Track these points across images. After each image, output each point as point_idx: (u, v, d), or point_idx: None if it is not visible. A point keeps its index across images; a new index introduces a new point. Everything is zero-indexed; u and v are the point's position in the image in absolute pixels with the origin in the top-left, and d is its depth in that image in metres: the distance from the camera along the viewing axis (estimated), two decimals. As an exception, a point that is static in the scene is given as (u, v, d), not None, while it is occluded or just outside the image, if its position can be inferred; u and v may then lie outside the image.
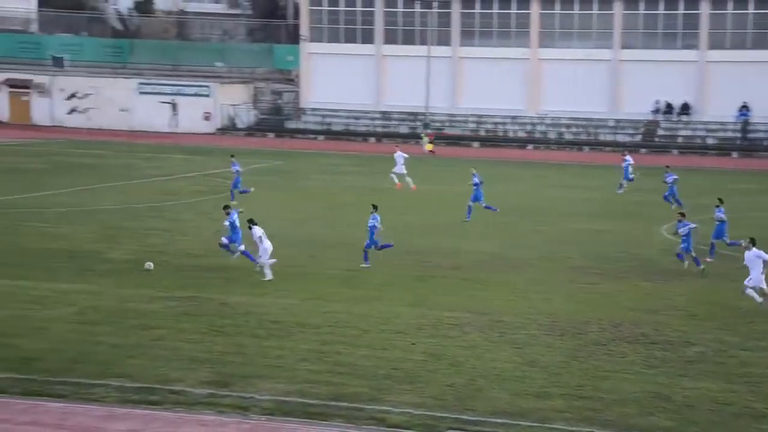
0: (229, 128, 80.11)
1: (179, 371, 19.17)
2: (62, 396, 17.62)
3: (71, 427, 16.24)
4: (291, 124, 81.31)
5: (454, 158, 66.27)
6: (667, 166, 45.02)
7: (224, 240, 29.21)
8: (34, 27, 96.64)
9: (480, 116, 78.77)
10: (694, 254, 29.61)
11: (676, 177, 42.96)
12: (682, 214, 30.42)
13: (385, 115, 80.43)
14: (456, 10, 79.56)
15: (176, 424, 16.62)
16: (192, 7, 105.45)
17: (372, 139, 77.45)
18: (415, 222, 38.35)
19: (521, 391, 18.68)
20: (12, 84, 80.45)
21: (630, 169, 48.95)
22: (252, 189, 43.07)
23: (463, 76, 79.53)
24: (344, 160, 62.28)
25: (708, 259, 30.43)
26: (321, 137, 78.18)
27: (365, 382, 18.94)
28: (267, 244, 27.90)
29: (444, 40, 79.50)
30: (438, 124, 78.58)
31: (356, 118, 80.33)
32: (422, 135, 73.07)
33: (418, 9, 79.63)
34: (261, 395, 18.03)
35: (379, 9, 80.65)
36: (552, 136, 76.90)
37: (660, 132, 76.28)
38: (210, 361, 19.91)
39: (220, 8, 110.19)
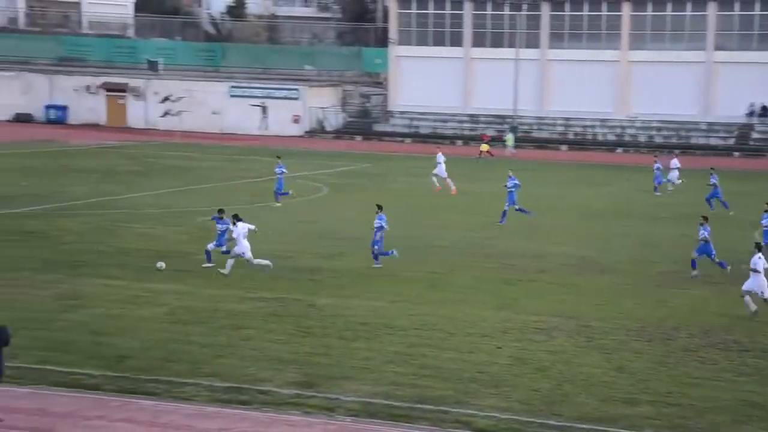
0: (317, 131, 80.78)
1: (267, 371, 19.43)
2: (154, 394, 17.97)
3: (163, 425, 16.55)
4: (379, 127, 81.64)
5: (541, 161, 65.87)
6: (712, 168, 44.97)
7: (218, 248, 28.86)
8: (130, 32, 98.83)
9: (568, 119, 78.15)
10: (716, 260, 29.31)
11: (716, 180, 43.14)
12: (705, 218, 29.97)
13: (473, 118, 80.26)
14: (545, 12, 79.04)
15: (264, 424, 16.84)
16: (283, 11, 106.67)
17: (459, 142, 77.38)
18: (494, 226, 38.24)
19: (609, 397, 18.51)
20: (109, 87, 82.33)
21: (660, 173, 48.80)
22: (291, 192, 43.18)
23: (552, 78, 78.96)
24: (431, 163, 62.27)
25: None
26: (408, 140, 78.39)
27: (450, 385, 18.96)
28: (245, 244, 27.96)
29: (532, 43, 79.04)
30: (525, 127, 78.15)
31: (444, 121, 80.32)
32: (505, 136, 72.78)
33: (506, 12, 79.32)
34: (347, 396, 18.17)
35: (467, 12, 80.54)
36: (642, 139, 75.92)
37: (754, 135, 74.73)
38: (297, 361, 20.13)
39: (310, 12, 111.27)
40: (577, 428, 17.01)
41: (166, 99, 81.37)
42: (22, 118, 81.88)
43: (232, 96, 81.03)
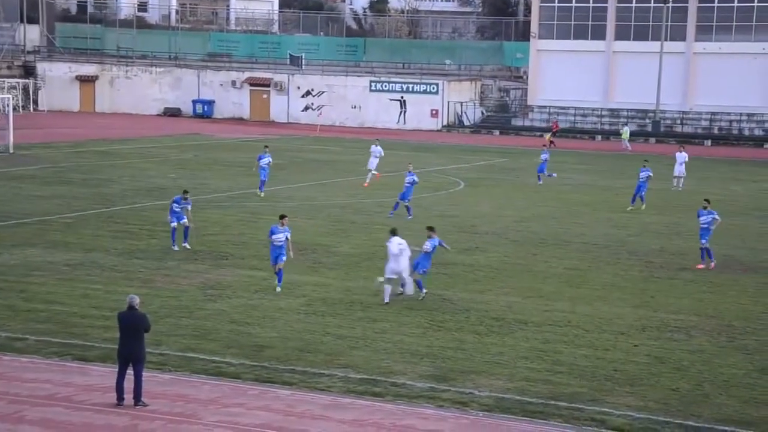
0: (455, 125, 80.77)
1: (401, 364, 19.59)
2: (290, 383, 18.32)
3: (298, 414, 16.86)
4: (517, 122, 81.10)
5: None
6: None
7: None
8: (275, 28, 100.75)
9: (713, 114, 76.02)
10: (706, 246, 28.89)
11: None
12: (708, 201, 29.88)
13: (614, 113, 78.93)
14: (693, 4, 77.10)
15: (398, 416, 16.98)
16: (424, 5, 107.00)
17: (598, 137, 76.20)
18: (637, 222, 37.55)
19: (751, 399, 18.01)
20: (253, 82, 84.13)
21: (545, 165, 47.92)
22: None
23: (697, 72, 76.98)
24: (569, 158, 61.61)
25: None
26: (547, 135, 77.66)
27: (585, 383, 18.76)
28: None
29: (678, 36, 77.21)
30: (668, 122, 76.39)
31: (584, 115, 79.23)
32: (622, 130, 71.42)
33: (652, 3, 77.64)
34: (480, 391, 18.17)
35: (611, 4, 79.21)
36: (793, 134, 73.31)
37: None
38: (431, 355, 20.24)
39: (451, 6, 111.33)
40: (717, 430, 16.61)
41: (307, 93, 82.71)
42: (171, 112, 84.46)
43: (372, 90, 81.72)
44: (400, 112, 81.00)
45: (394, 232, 24.83)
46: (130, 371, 16.68)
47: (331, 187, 45.75)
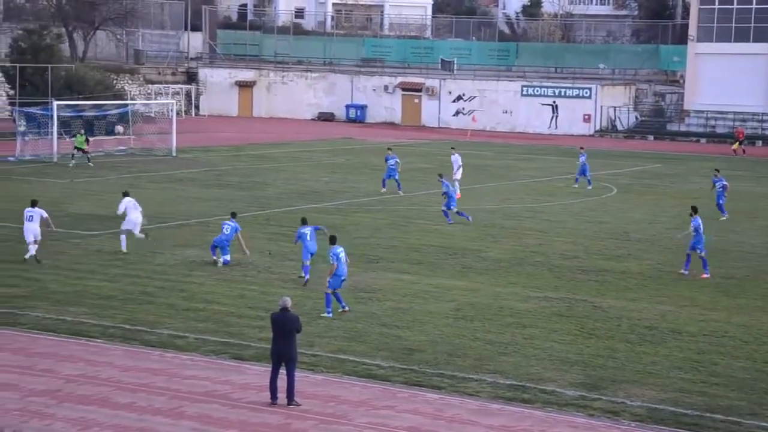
0: (608, 130, 79.49)
1: (550, 371, 19.47)
2: (439, 387, 18.42)
3: (447, 419, 16.95)
4: (673, 127, 79.20)
5: None
6: None
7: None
8: (427, 33, 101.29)
9: None
10: (690, 253, 28.29)
11: None
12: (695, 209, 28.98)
13: (776, 118, 76.27)
14: None
15: (547, 423, 16.89)
16: (578, 9, 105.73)
17: (759, 143, 73.77)
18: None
19: None
20: (405, 87, 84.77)
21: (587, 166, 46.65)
22: (384, 189, 43.47)
23: None
24: (727, 164, 59.82)
25: None
26: (703, 140, 75.63)
27: (743, 396, 18.25)
28: (133, 217, 28.78)
29: None
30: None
31: (743, 120, 76.75)
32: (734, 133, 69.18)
33: (820, 3, 74.74)
34: (632, 401, 17.90)
35: (775, 5, 76.54)
36: None
37: None
38: (581, 363, 20.03)
39: (606, 10, 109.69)
40: None
41: (458, 98, 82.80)
42: (325, 117, 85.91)
43: (524, 95, 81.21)
44: (552, 117, 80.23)
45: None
46: (282, 371, 17.09)
47: (480, 191, 45.71)
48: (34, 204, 27.94)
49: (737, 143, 67.36)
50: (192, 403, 17.04)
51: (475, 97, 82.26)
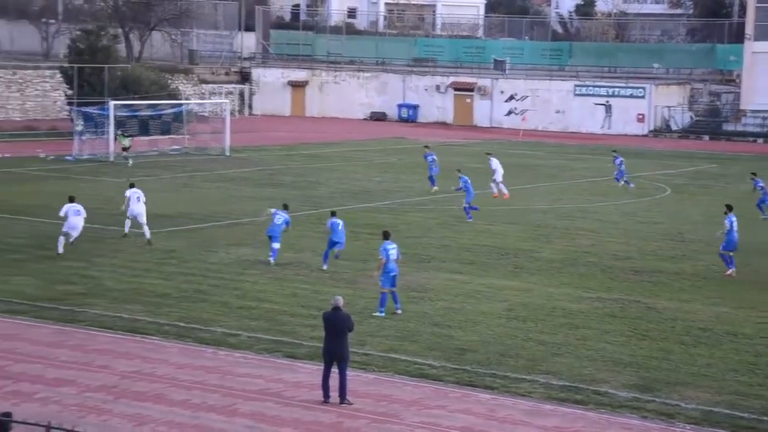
0: (662, 130, 78.74)
1: (604, 372, 19.36)
2: (492, 388, 18.40)
3: (500, 419, 16.94)
4: (729, 127, 78.24)
5: None
6: None
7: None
8: (480, 32, 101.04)
9: None
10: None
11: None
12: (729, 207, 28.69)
13: (836, 118, 75.03)
14: None
15: (600, 425, 16.81)
16: (632, 8, 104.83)
17: (819, 143, 72.73)
18: None
19: None
20: (457, 87, 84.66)
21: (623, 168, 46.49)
22: (435, 188, 43.51)
23: None
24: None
25: None
26: (760, 140, 74.66)
27: (800, 400, 18.03)
28: (135, 208, 30.15)
29: None
30: None
31: (801, 120, 75.71)
32: None
33: None
34: (687, 403, 17.75)
35: (835, 2, 75.32)
36: None
37: None
38: (634, 364, 19.91)
39: (660, 9, 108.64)
40: None
41: (511, 98, 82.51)
42: (377, 117, 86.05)
43: (577, 95, 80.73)
44: (605, 117, 79.64)
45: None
46: (335, 369, 17.18)
47: (532, 191, 45.54)
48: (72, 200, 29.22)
49: None
50: (245, 400, 17.20)
51: (527, 96, 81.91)
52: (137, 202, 30.70)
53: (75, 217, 28.89)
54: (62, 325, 21.42)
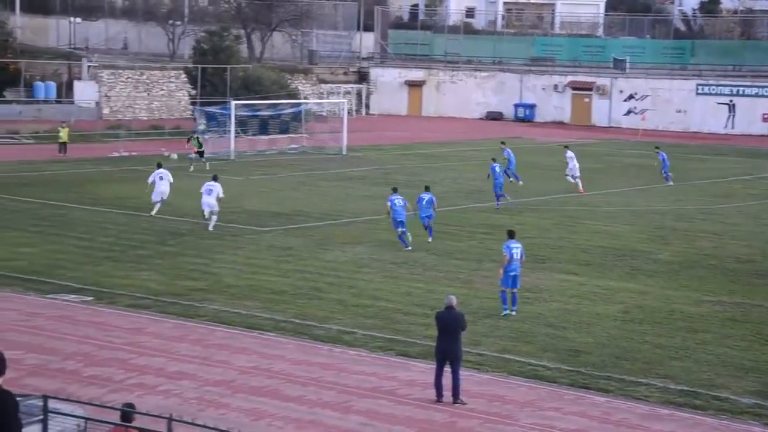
0: (790, 130, 76.47)
1: (724, 377, 18.96)
2: (607, 391, 18.20)
3: (615, 423, 16.74)
4: None
5: None
6: None
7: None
8: (599, 31, 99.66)
9: None
10: None
11: None
12: None
13: None
14: None
15: (719, 431, 16.49)
16: (760, 5, 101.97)
17: None
18: None
19: None
20: (575, 86, 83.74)
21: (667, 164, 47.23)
22: (520, 183, 44.02)
23: None
24: None
25: None
26: None
27: None
28: (160, 187, 33.05)
29: None
30: None
31: None
32: None
33: None
34: (810, 412, 17.26)
35: None
36: None
37: None
38: (756, 370, 19.44)
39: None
40: None
41: (630, 97, 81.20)
42: (493, 116, 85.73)
43: (699, 94, 78.99)
44: (729, 116, 77.72)
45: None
46: (448, 369, 17.23)
47: (651, 192, 44.77)
48: (215, 179, 32.40)
49: None
50: (360, 398, 17.38)
51: (647, 96, 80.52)
52: (161, 181, 33.89)
53: (161, 183, 32.74)
54: (183, 319, 21.97)
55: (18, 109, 63.13)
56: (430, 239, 30.84)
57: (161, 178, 33.91)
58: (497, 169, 38.98)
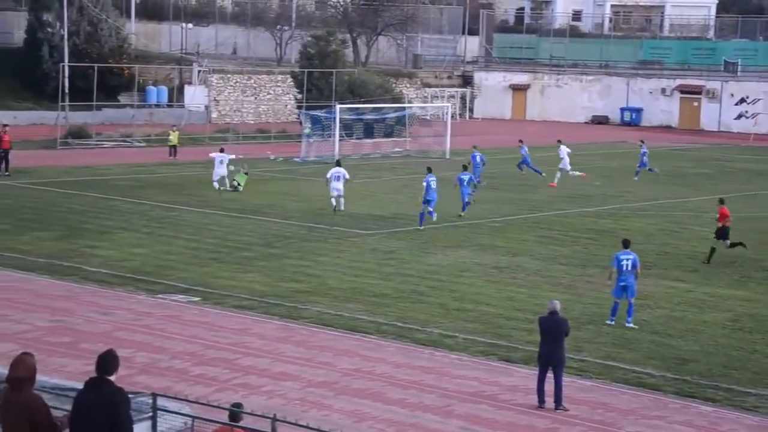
0: None
1: (836, 390, 18.41)
2: (714, 400, 17.85)
3: (721, 432, 16.46)
4: None
5: None
6: None
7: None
8: (710, 33, 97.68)
9: None
10: None
11: None
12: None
13: None
14: None
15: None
16: None
17: None
18: None
19: None
20: (683, 90, 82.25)
21: (646, 158, 48.25)
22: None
23: None
24: None
25: None
26: None
27: None
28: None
29: None
30: None
31: None
32: None
33: None
34: None
35: None
36: None
37: None
38: None
39: None
40: None
41: (741, 101, 79.37)
42: (599, 120, 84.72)
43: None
44: None
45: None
46: (550, 374, 17.12)
47: (763, 198, 43.67)
48: (339, 164, 36.41)
49: None
50: (461, 402, 17.38)
51: (759, 99, 78.61)
52: (220, 165, 38.00)
53: (336, 182, 35.11)
54: (287, 321, 22.25)
55: (131, 112, 64.77)
56: (462, 213, 35.82)
57: (221, 162, 38.98)
58: (477, 158, 42.98)
